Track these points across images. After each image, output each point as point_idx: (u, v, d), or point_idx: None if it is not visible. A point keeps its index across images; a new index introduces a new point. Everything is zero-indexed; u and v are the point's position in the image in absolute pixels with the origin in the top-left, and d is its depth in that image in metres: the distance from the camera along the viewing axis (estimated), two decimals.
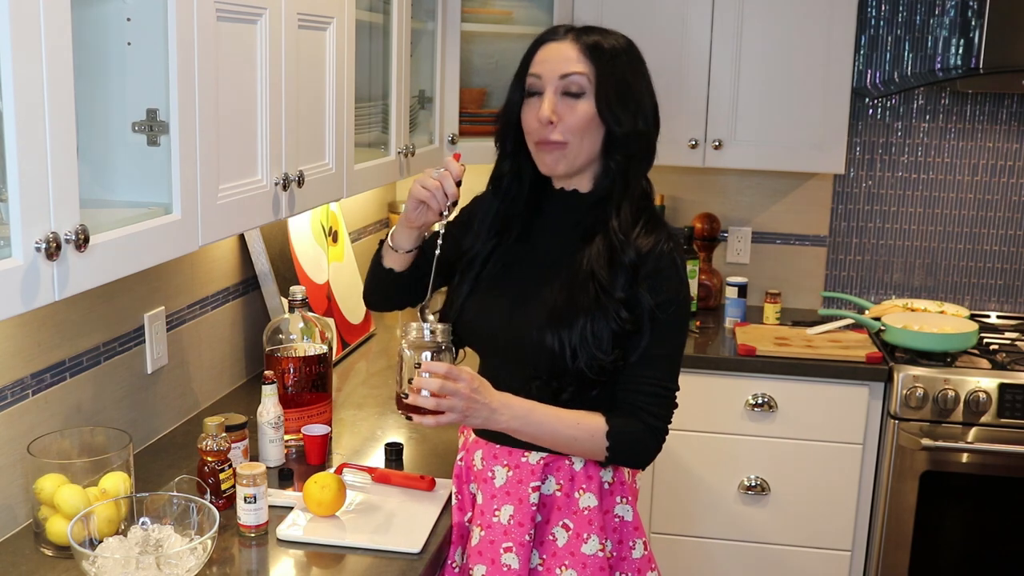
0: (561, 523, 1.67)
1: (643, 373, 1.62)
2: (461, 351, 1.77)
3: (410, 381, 1.53)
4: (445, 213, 1.68)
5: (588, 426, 1.60)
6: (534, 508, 1.67)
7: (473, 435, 1.76)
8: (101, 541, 1.52)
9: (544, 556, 1.68)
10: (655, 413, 1.63)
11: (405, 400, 1.53)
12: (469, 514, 1.77)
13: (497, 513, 1.67)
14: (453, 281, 1.77)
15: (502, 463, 1.69)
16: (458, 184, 1.67)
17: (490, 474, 1.70)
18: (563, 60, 1.62)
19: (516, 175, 1.73)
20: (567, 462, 1.67)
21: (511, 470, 1.68)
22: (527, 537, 1.65)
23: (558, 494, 1.68)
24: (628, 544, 1.72)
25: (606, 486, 1.69)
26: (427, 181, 1.66)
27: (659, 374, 1.63)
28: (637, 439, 1.63)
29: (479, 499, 1.72)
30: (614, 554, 1.71)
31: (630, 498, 1.72)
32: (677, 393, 1.67)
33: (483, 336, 1.73)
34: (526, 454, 1.67)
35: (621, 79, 1.62)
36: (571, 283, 1.62)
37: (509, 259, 1.74)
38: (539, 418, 1.59)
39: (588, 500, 1.67)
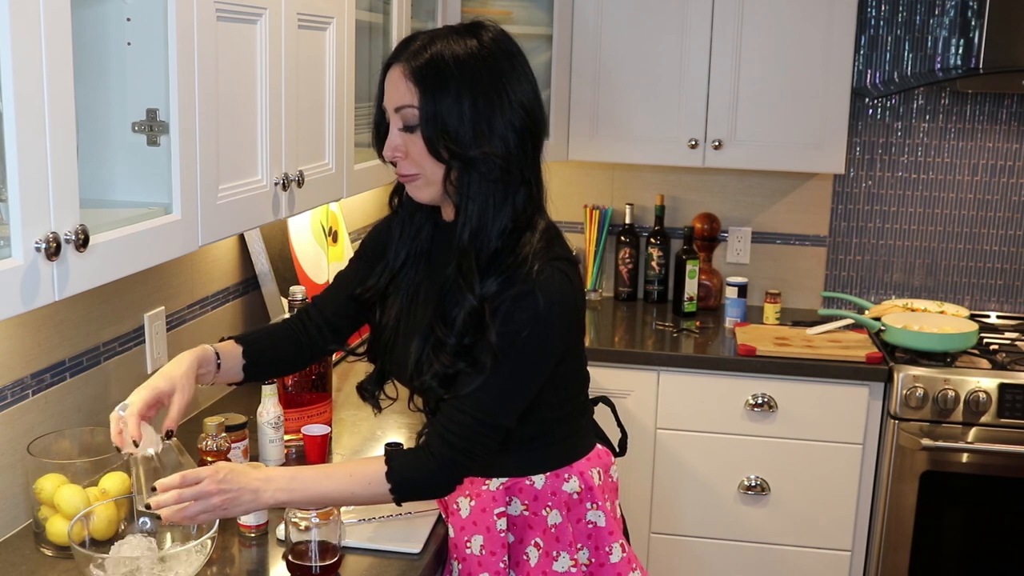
0: (533, 542, 1.64)
1: (460, 404, 1.49)
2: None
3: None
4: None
5: (363, 475, 1.48)
6: (503, 534, 1.63)
7: None
8: (104, 542, 1.53)
9: None
10: (453, 444, 1.48)
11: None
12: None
13: (469, 545, 1.64)
14: (376, 315, 1.70)
15: (464, 493, 1.65)
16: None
17: (455, 506, 1.67)
18: (395, 91, 1.49)
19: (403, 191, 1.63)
20: (527, 482, 1.64)
21: (473, 499, 1.64)
22: (501, 564, 1.63)
23: (526, 513, 1.64)
24: (604, 550, 1.68)
25: (575, 496, 1.65)
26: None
27: (477, 405, 1.48)
28: (421, 479, 1.50)
29: (451, 532, 1.69)
30: (592, 560, 1.68)
31: (602, 501, 1.67)
32: (502, 429, 1.51)
33: (394, 369, 1.69)
34: (486, 482, 1.64)
35: (453, 103, 1.45)
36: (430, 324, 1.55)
37: (418, 281, 1.66)
38: (303, 482, 1.47)
39: (554, 517, 1.64)
